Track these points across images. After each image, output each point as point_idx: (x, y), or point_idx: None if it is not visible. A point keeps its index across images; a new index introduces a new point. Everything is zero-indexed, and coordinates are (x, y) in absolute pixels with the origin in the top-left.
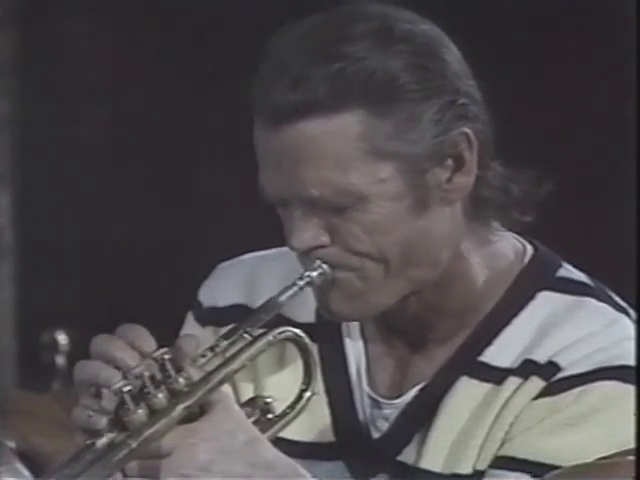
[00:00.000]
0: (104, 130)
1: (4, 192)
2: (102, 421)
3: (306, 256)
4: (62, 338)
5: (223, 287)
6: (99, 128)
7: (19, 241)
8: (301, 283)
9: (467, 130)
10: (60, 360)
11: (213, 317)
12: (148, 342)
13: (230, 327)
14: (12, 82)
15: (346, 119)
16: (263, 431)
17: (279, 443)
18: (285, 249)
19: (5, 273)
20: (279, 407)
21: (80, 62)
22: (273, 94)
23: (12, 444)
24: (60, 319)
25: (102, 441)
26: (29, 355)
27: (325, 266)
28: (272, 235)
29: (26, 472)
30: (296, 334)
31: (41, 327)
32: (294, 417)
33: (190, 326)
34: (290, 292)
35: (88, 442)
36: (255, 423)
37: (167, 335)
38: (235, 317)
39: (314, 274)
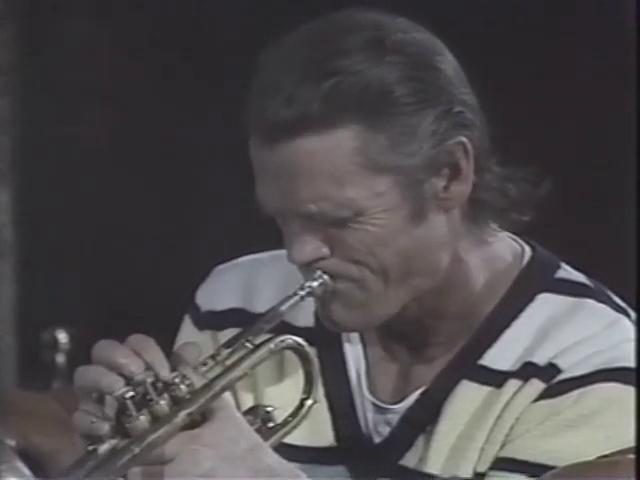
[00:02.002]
0: (104, 129)
1: (4, 190)
2: (104, 427)
3: (306, 267)
4: (62, 337)
5: (220, 291)
6: (99, 127)
7: (19, 240)
8: (302, 293)
9: (463, 139)
10: (60, 359)
11: (211, 321)
12: (154, 351)
13: (231, 336)
14: (12, 81)
15: (342, 134)
16: (265, 440)
17: (280, 448)
18: (281, 252)
19: (5, 272)
20: (280, 415)
21: (80, 61)
22: (267, 111)
23: (12, 443)
24: (60, 318)
25: (104, 447)
26: (29, 354)
27: (326, 276)
28: (269, 238)
29: (26, 471)
30: (297, 343)
31: (41, 326)
32: (295, 426)
33: (187, 330)
34: (291, 302)
35: (90, 448)
36: (256, 432)
37: (167, 334)
38: (233, 321)
39: (315, 284)
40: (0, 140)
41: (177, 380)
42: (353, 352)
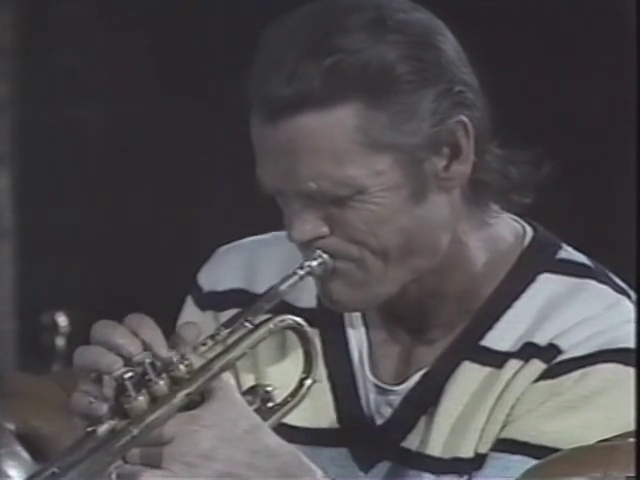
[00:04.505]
0: (104, 113)
1: (4, 173)
2: (103, 408)
3: (306, 246)
4: (62, 320)
5: (222, 271)
6: (99, 110)
7: (19, 223)
8: (301, 272)
9: (464, 118)
10: (60, 342)
11: (213, 301)
12: (153, 332)
13: (231, 316)
14: (12, 64)
15: (342, 112)
16: (264, 419)
17: (282, 429)
18: (283, 233)
19: (5, 255)
20: (280, 395)
21: (80, 44)
22: (269, 89)
23: (11, 426)
24: (60, 301)
25: (103, 428)
26: (29, 337)
27: (325, 256)
28: (271, 219)
29: (25, 455)
30: (297, 322)
31: (41, 309)
32: (295, 405)
33: (189, 310)
34: (291, 281)
35: (89, 429)
36: (256, 411)
37: (168, 317)
38: (235, 302)
39: (314, 264)
40: (0, 122)
41: (176, 360)
42: (355, 334)
